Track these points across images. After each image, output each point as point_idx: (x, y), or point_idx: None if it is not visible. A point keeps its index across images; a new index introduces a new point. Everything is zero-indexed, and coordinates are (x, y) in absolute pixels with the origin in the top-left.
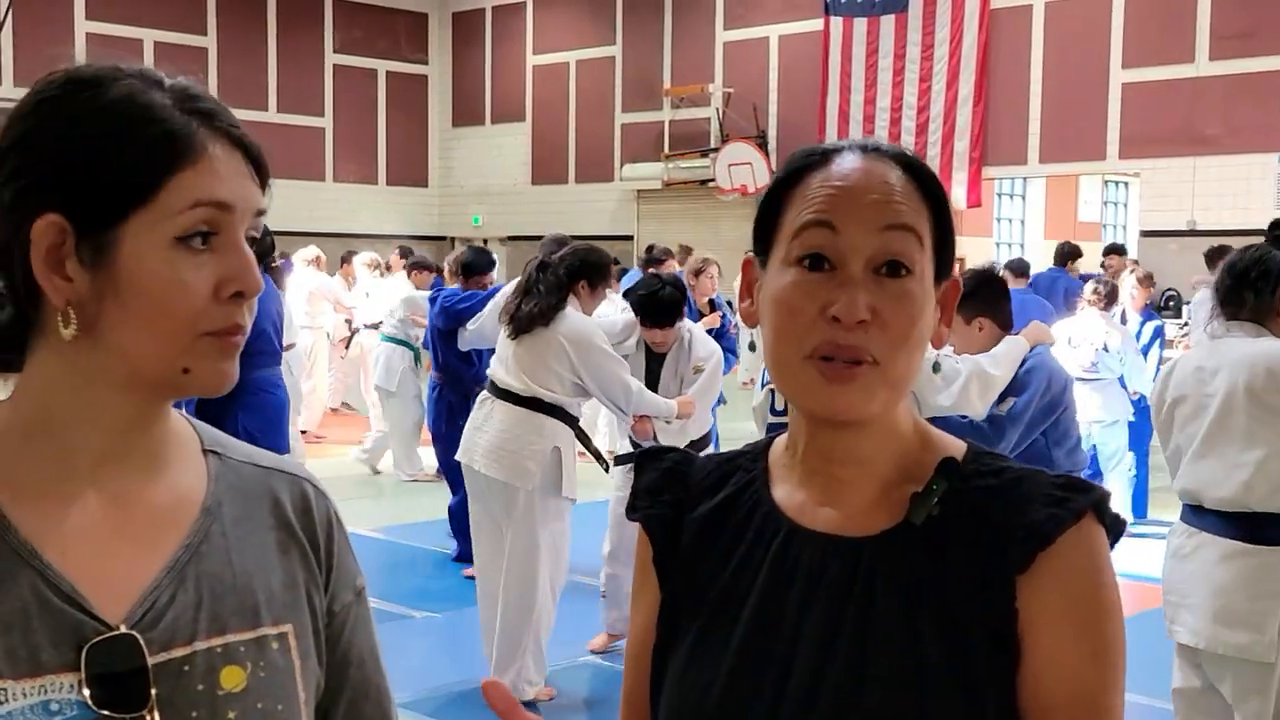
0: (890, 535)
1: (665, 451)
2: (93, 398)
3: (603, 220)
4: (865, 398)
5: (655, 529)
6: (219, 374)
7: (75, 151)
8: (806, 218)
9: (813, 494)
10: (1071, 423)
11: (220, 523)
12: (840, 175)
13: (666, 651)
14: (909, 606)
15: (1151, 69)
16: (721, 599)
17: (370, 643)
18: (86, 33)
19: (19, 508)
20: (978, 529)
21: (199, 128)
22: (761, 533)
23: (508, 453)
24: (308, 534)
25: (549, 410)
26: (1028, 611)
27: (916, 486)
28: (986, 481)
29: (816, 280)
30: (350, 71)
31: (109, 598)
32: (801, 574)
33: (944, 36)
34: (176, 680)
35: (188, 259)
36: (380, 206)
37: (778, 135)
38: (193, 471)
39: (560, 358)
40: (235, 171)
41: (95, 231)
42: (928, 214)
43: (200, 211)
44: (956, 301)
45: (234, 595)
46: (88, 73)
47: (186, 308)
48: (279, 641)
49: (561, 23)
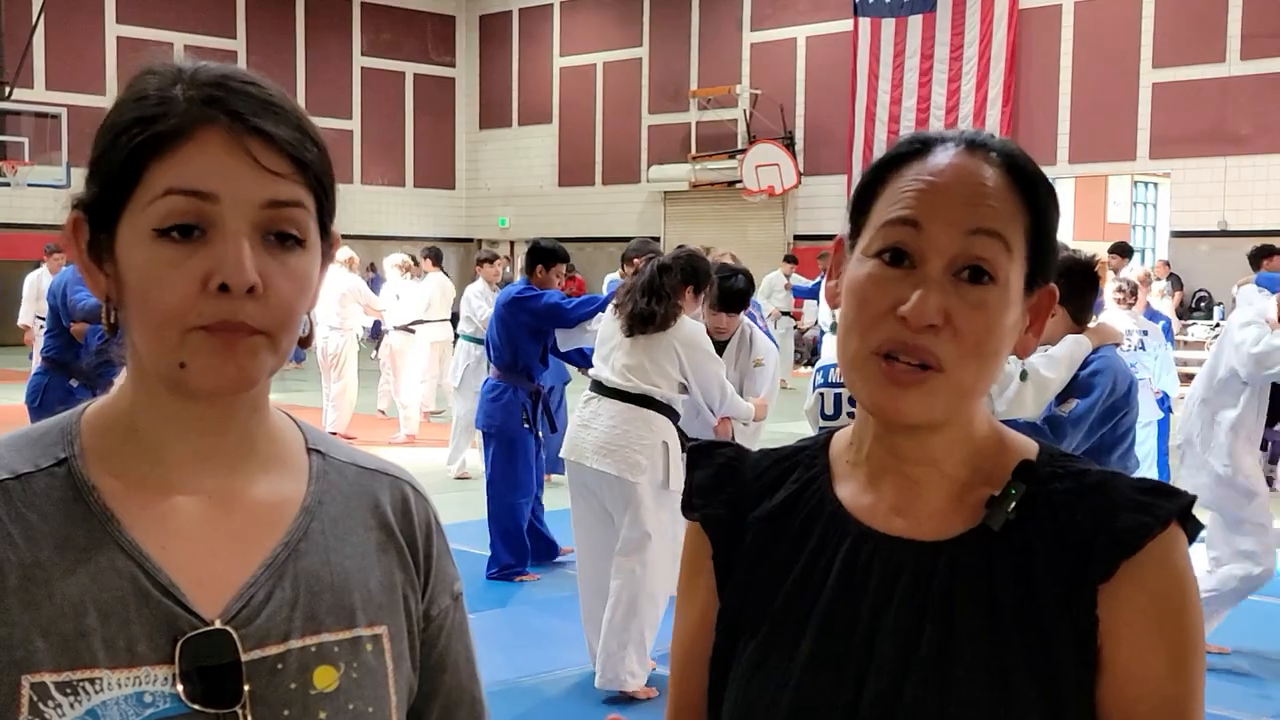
0: (967, 539)
1: (718, 446)
2: (159, 396)
3: (629, 222)
4: (927, 405)
5: (714, 530)
6: (214, 371)
7: (96, 148)
8: (893, 213)
9: (882, 495)
10: (1130, 427)
11: (320, 522)
12: (935, 170)
13: (726, 659)
14: (990, 614)
15: (1182, 68)
16: (786, 605)
17: (466, 649)
18: (117, 37)
19: (123, 501)
20: (1059, 534)
21: (191, 114)
22: (828, 535)
23: (618, 448)
24: (407, 536)
25: (657, 407)
26: (1110, 620)
27: (992, 489)
28: (1065, 485)
29: (894, 276)
30: (378, 74)
31: (206, 593)
32: (874, 580)
33: (973, 37)
34: (270, 678)
35: (168, 251)
36: (407, 209)
37: (805, 136)
38: (294, 470)
39: (671, 357)
40: (229, 159)
41: (103, 226)
42: (1024, 218)
43: (171, 200)
44: (1050, 310)
45: (330, 595)
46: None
47: (165, 301)
48: (373, 643)
49: (588, 25)
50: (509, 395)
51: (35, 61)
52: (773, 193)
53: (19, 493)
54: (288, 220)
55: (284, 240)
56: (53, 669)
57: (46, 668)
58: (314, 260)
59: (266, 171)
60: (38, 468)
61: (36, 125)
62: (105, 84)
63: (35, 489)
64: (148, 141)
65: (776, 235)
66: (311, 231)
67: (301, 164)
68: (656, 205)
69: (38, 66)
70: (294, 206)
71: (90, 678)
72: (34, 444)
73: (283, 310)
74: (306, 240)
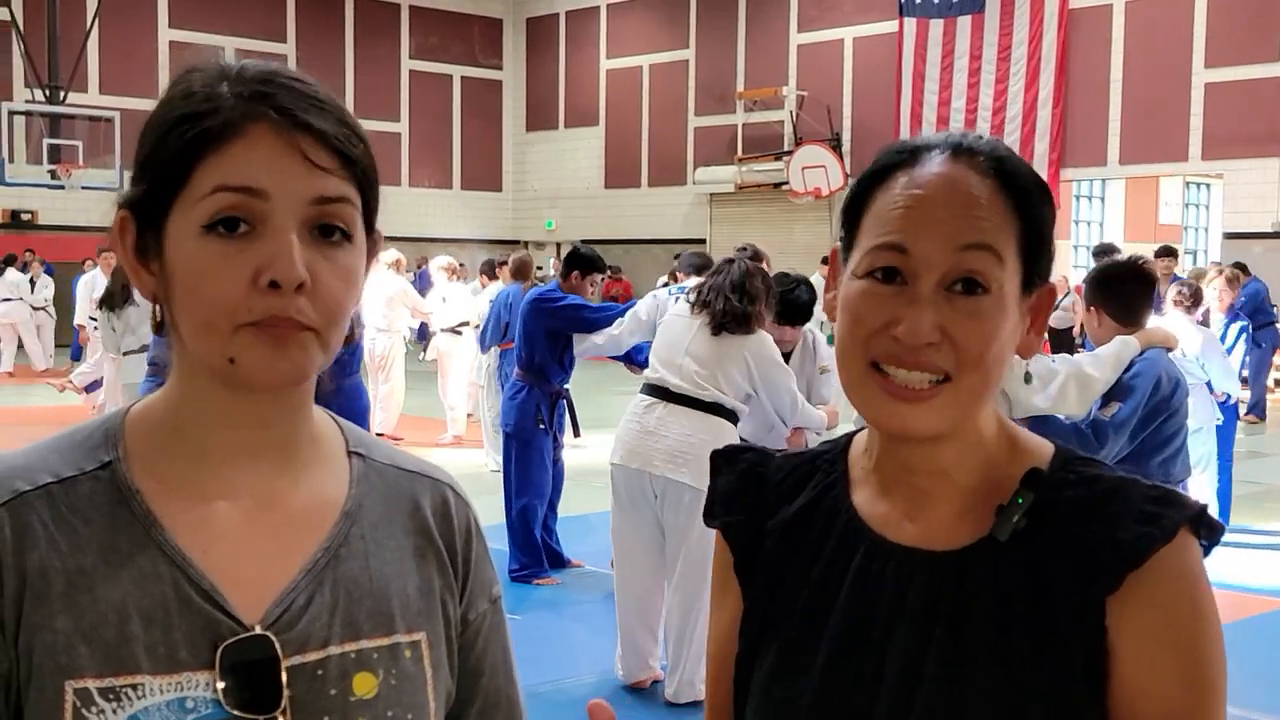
0: (976, 549)
1: (742, 452)
2: (206, 394)
3: (675, 224)
4: (933, 418)
5: (734, 537)
6: (265, 366)
7: (141, 147)
8: (880, 239)
9: (894, 504)
10: (1176, 432)
11: (360, 526)
12: (922, 182)
13: (749, 664)
14: (1000, 625)
15: (1235, 68)
16: (805, 613)
17: (504, 653)
18: (169, 41)
19: (165, 503)
20: (1069, 544)
21: (239, 111)
22: (843, 544)
23: (693, 457)
24: (446, 540)
25: (727, 415)
26: (1117, 633)
27: (1002, 498)
28: (1077, 492)
29: (886, 293)
30: (426, 77)
31: (247, 598)
32: (886, 589)
33: (1022, 37)
34: (310, 684)
35: (216, 247)
36: (455, 211)
37: (852, 138)
38: (335, 473)
39: (740, 365)
40: (279, 156)
41: (151, 224)
42: (1015, 224)
43: (222, 197)
44: (1051, 308)
45: (370, 601)
46: (181, 69)
47: (216, 297)
48: (412, 649)
49: (635, 27)
50: (524, 395)
51: (89, 66)
52: (819, 194)
53: (63, 497)
54: (335, 216)
55: (331, 235)
56: (96, 675)
57: (90, 673)
58: (360, 256)
59: (315, 167)
60: (81, 471)
61: (90, 129)
62: (158, 88)
63: (79, 493)
64: (197, 138)
65: (823, 237)
66: (358, 227)
67: (348, 160)
68: (702, 207)
69: (92, 71)
70: (341, 202)
71: (133, 683)
72: (78, 446)
73: (331, 306)
74: (353, 236)
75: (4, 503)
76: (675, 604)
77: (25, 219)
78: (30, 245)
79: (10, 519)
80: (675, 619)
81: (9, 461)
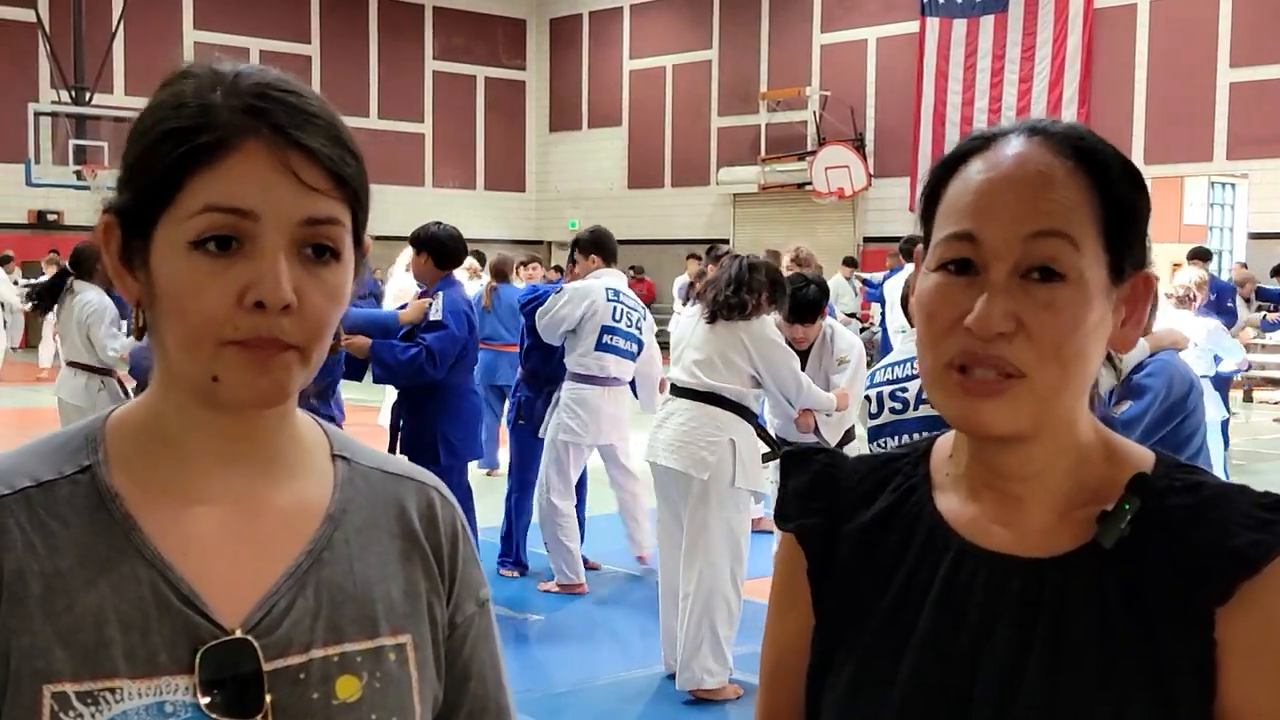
0: (1077, 557)
1: (814, 453)
2: (185, 403)
3: (698, 224)
4: (1012, 414)
5: (810, 541)
6: (248, 385)
7: (128, 153)
8: (949, 229)
9: (984, 509)
10: (1195, 432)
11: (344, 530)
12: (992, 166)
13: (822, 676)
14: (1102, 638)
15: (1261, 67)
16: (887, 621)
17: (493, 657)
18: (195, 42)
19: (145, 508)
20: (1175, 552)
21: (233, 126)
22: (927, 550)
23: (685, 444)
24: (432, 543)
25: (726, 404)
26: (1227, 644)
27: (1103, 504)
28: (1182, 500)
29: (959, 285)
30: (449, 78)
31: (227, 602)
32: (976, 599)
33: (1046, 37)
34: (292, 688)
35: (203, 264)
36: (478, 211)
37: (875, 138)
38: (319, 477)
39: (740, 351)
40: (270, 174)
41: (137, 232)
42: (1095, 205)
43: (210, 217)
44: (1149, 298)
45: (353, 604)
46: (169, 73)
47: (201, 314)
48: (396, 652)
49: (658, 27)
50: (521, 392)
51: (114, 67)
52: (842, 195)
53: (41, 500)
54: (324, 236)
55: (320, 254)
56: (73, 678)
57: (67, 677)
58: (348, 273)
59: (306, 188)
60: (61, 475)
61: (115, 130)
62: None
63: (58, 496)
64: (188, 154)
65: (846, 237)
66: (346, 246)
67: (340, 180)
68: (726, 207)
69: (117, 72)
70: (332, 224)
71: (111, 687)
72: (58, 450)
73: (316, 324)
74: (341, 254)
75: None
76: (692, 594)
77: (51, 220)
78: (56, 246)
79: None
80: (694, 610)
81: None
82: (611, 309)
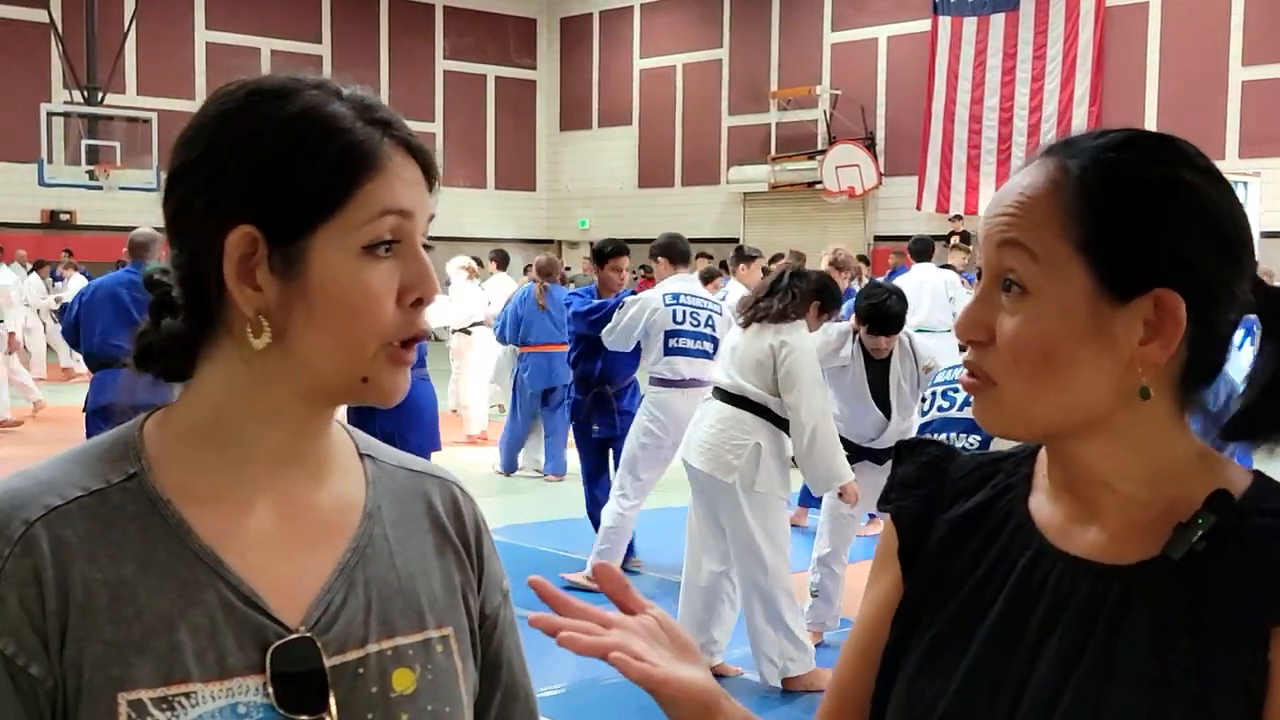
0: (1146, 567)
1: (927, 444)
2: (272, 404)
3: (709, 223)
4: (991, 418)
5: (904, 521)
6: (395, 385)
7: (265, 163)
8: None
9: (1064, 512)
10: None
11: (381, 526)
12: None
13: (899, 653)
14: (1158, 647)
15: (1273, 66)
16: (961, 609)
17: (517, 645)
18: (206, 42)
19: (197, 511)
20: (1244, 571)
21: (381, 138)
22: (1010, 546)
23: (713, 447)
24: (460, 536)
25: (754, 409)
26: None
27: (1181, 517)
28: (1265, 520)
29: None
30: (460, 77)
31: (286, 601)
32: (1046, 596)
33: (1057, 35)
34: (352, 682)
35: (374, 267)
36: (488, 210)
37: (886, 137)
38: (352, 476)
39: (763, 351)
40: (413, 179)
41: (286, 242)
42: (1079, 219)
43: (388, 220)
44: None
45: (400, 598)
46: (269, 84)
47: (374, 316)
48: (443, 644)
49: (668, 26)
50: (574, 394)
51: (127, 67)
52: (853, 194)
53: (96, 509)
54: (426, 233)
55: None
56: (148, 685)
57: (142, 685)
58: None
59: (428, 188)
60: (109, 483)
61: (128, 130)
62: (194, 89)
63: (111, 505)
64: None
65: (857, 236)
66: None
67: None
68: (736, 206)
69: (129, 72)
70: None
71: (185, 692)
72: (100, 459)
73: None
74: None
75: (39, 518)
76: (744, 593)
77: (64, 219)
78: (69, 245)
79: (46, 534)
80: (758, 610)
81: (34, 477)
82: (671, 313)
